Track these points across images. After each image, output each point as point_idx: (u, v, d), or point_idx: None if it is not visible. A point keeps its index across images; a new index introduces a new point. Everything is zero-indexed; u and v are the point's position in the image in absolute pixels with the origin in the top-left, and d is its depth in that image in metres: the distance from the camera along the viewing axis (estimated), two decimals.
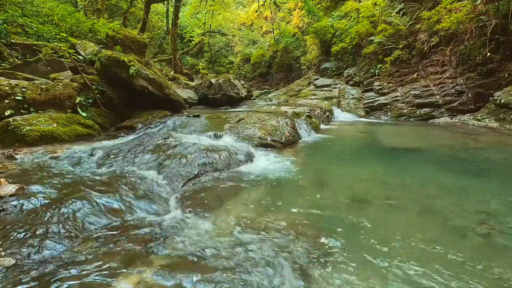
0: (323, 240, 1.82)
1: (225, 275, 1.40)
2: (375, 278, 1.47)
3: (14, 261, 1.39)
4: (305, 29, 15.37)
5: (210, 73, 20.42)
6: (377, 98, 9.58)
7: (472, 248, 1.77)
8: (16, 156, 3.10)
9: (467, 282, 1.46)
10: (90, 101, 5.15)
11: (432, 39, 8.54)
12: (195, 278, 1.37)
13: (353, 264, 1.58)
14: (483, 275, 1.51)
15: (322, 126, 6.80)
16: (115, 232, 1.76)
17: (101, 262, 1.45)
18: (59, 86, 4.72)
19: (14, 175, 2.39)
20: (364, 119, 8.98)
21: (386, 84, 9.66)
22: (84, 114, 4.84)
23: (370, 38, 10.32)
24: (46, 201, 1.92)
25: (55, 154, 3.23)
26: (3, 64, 6.35)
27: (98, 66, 5.51)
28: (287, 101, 9.95)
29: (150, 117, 5.55)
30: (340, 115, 9.05)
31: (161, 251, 1.58)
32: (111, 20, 14.12)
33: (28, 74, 5.79)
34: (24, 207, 1.83)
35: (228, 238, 1.79)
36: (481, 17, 7.24)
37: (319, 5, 14.43)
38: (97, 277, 1.34)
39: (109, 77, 5.55)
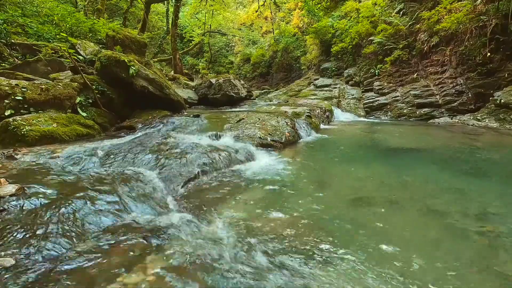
0: (323, 239, 1.82)
1: (225, 277, 1.40)
2: (376, 278, 1.47)
3: (14, 261, 1.39)
4: (305, 29, 15.36)
5: (210, 73, 20.40)
6: (377, 98, 9.58)
7: (473, 247, 1.77)
8: (16, 156, 3.09)
9: (468, 282, 1.46)
10: (90, 101, 5.15)
11: (432, 39, 8.54)
12: (195, 279, 1.37)
13: (353, 264, 1.58)
14: (484, 275, 1.51)
15: (322, 126, 6.80)
16: (114, 233, 1.76)
17: (101, 263, 1.45)
18: (59, 86, 4.72)
19: (14, 175, 2.39)
20: (364, 119, 8.98)
21: (386, 84, 9.66)
22: (84, 114, 4.84)
23: (370, 38, 10.32)
24: (46, 201, 1.92)
25: (55, 154, 3.23)
26: (3, 64, 6.35)
27: (98, 66, 5.52)
28: (287, 101, 9.94)
29: (150, 117, 5.55)
30: (340, 115, 9.05)
31: (161, 252, 1.58)
32: (111, 20, 14.12)
33: (28, 74, 5.78)
34: (24, 207, 1.83)
35: (228, 239, 1.78)
36: (481, 17, 7.24)
37: (319, 5, 14.43)
38: (96, 278, 1.34)
39: (109, 77, 5.55)
